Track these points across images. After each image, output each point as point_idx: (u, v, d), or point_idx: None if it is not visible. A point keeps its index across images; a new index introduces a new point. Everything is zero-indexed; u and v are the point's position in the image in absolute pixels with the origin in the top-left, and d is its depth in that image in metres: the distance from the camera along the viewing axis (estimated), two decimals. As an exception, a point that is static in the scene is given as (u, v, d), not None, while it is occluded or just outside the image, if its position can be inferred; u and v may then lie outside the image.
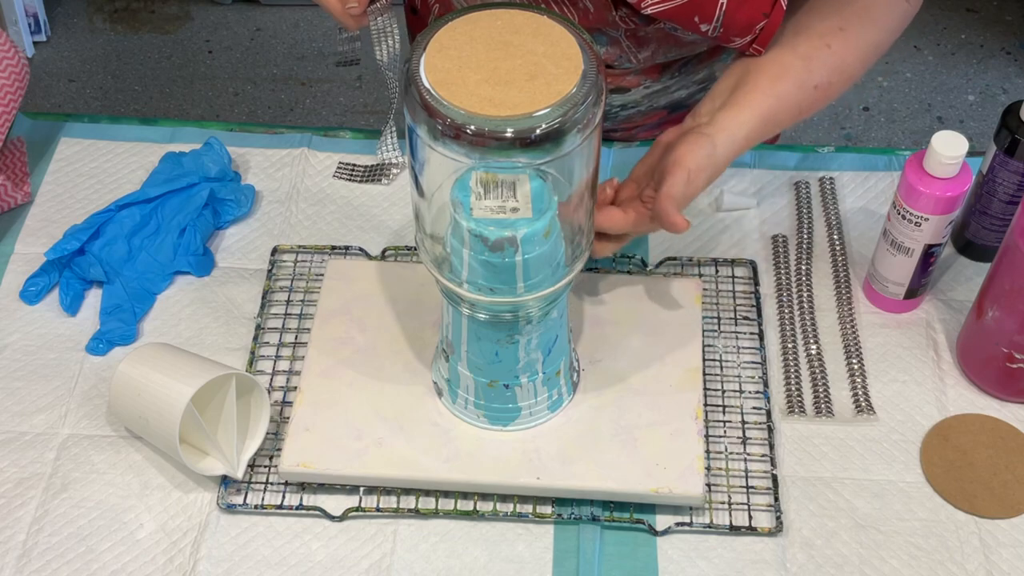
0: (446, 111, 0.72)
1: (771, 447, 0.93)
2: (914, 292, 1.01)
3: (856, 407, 0.96)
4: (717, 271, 1.05)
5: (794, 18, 0.94)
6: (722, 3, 0.91)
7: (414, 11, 1.19)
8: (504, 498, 0.91)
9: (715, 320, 1.01)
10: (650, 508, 0.90)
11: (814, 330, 1.01)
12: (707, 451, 0.92)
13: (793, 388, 0.97)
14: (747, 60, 0.94)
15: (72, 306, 1.03)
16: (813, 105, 0.94)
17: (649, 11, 0.96)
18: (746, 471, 0.92)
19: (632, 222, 0.92)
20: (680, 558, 0.88)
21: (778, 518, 0.89)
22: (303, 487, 0.92)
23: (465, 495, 0.91)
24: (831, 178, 1.13)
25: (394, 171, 1.13)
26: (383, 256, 1.06)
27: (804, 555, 0.88)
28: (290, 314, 1.02)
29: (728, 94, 0.92)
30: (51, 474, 0.93)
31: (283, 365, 0.99)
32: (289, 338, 1.00)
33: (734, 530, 0.89)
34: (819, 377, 0.98)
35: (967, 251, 1.07)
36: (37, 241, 1.09)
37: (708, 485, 0.91)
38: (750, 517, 0.90)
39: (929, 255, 0.98)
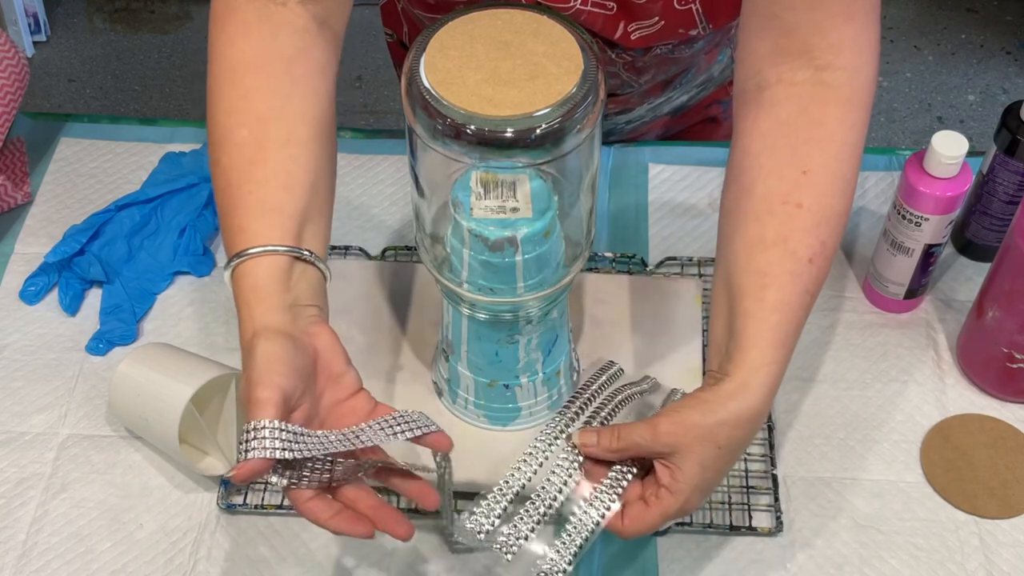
0: (446, 111, 0.72)
1: (771, 447, 0.93)
2: (914, 292, 1.01)
3: None
4: (717, 271, 1.05)
5: (748, 178, 0.79)
6: (695, 4, 0.92)
7: (403, 46, 1.20)
8: (504, 498, 0.90)
9: (715, 320, 1.01)
10: (650, 508, 0.90)
11: None
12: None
13: None
14: (725, 289, 0.79)
15: (72, 306, 1.03)
16: (819, 277, 0.78)
17: (635, 40, 0.96)
18: (746, 471, 0.92)
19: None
20: (680, 558, 0.88)
21: (778, 518, 0.89)
22: (303, 487, 0.91)
23: (465, 495, 0.91)
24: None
25: None
26: (383, 256, 1.06)
27: (804, 555, 0.88)
28: (290, 314, 1.02)
29: (727, 339, 0.78)
30: (51, 474, 0.93)
31: (283, 365, 0.99)
32: (289, 338, 1.00)
33: (734, 530, 0.89)
34: None
35: (967, 251, 1.07)
36: (37, 241, 1.09)
37: (708, 485, 0.91)
38: (750, 517, 0.90)
39: (929, 255, 0.98)
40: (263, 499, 0.91)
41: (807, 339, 1.01)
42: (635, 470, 0.77)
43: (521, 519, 0.76)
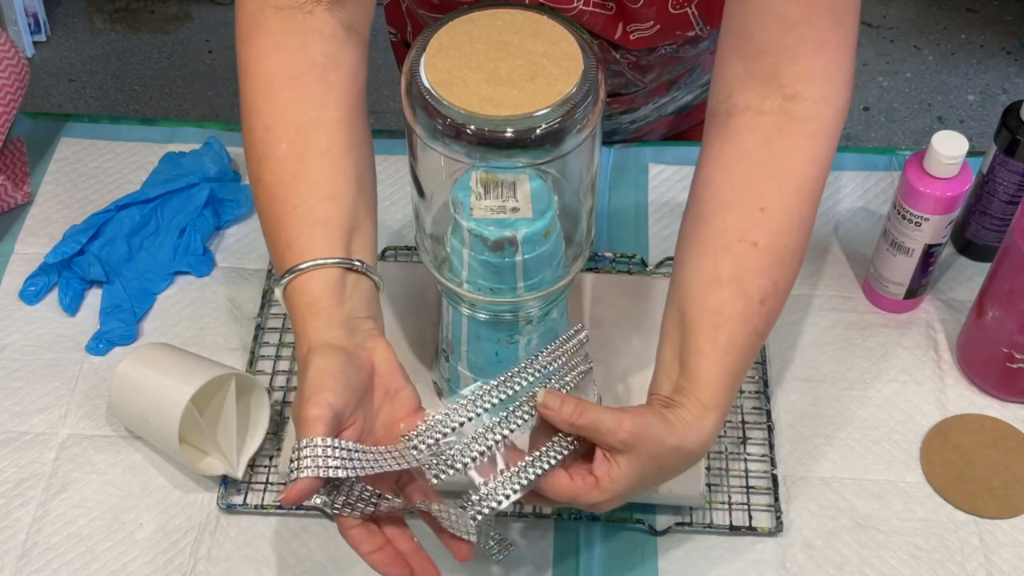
0: (446, 111, 0.72)
1: (771, 447, 0.93)
2: (914, 292, 1.01)
3: None
4: (717, 271, 1.05)
5: (708, 208, 0.79)
6: (691, 7, 0.91)
7: (407, 45, 1.20)
8: (504, 498, 0.90)
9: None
10: (650, 508, 0.90)
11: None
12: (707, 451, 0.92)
13: None
14: (679, 316, 0.78)
15: (72, 306, 1.03)
16: (770, 318, 0.78)
17: (635, 41, 0.96)
18: (746, 471, 0.92)
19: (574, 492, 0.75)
20: (680, 558, 0.88)
21: (778, 518, 0.89)
22: (303, 487, 0.91)
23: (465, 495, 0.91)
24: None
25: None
26: (383, 256, 1.06)
27: (804, 555, 0.88)
28: (290, 314, 1.02)
29: (677, 371, 0.77)
30: (51, 474, 0.93)
31: (283, 365, 0.99)
32: (289, 338, 1.00)
33: (734, 530, 0.89)
34: None
35: (967, 251, 1.07)
36: (37, 241, 1.09)
37: (708, 485, 0.91)
38: (750, 517, 0.90)
39: (929, 255, 0.98)
40: (263, 499, 0.91)
41: (807, 339, 1.01)
42: (577, 446, 0.74)
43: (501, 482, 0.72)
